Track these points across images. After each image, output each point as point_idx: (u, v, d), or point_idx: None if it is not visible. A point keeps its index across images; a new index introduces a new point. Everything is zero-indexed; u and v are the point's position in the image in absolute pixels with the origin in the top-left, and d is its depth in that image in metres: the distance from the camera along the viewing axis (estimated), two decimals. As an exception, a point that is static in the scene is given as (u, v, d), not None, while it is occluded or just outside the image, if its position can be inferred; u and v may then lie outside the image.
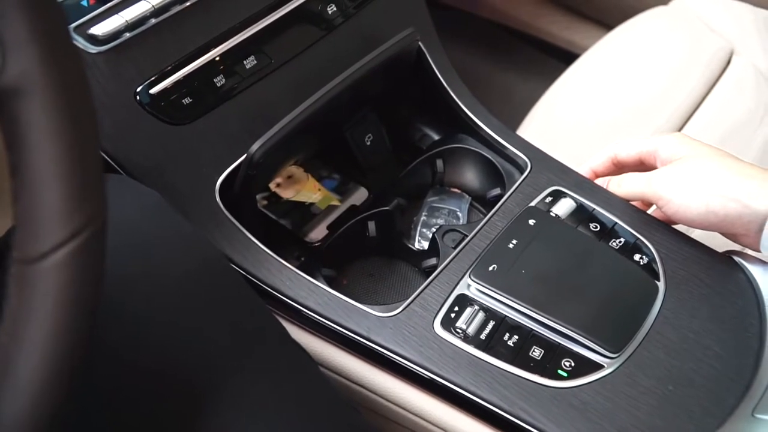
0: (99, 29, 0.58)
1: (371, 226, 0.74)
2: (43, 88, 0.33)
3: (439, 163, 0.80)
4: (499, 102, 1.11)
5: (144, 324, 0.53)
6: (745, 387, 0.57)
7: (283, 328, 0.59)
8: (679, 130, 0.96)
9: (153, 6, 0.60)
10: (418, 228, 0.78)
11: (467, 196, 0.80)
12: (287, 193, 0.78)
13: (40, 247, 0.35)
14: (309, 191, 0.78)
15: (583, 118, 0.97)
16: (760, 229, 0.59)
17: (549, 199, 0.69)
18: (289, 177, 0.79)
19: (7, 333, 0.36)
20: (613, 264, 0.64)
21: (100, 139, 0.37)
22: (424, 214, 0.79)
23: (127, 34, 0.59)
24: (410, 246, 0.76)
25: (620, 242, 0.66)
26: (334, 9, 0.72)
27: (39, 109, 0.33)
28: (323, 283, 0.64)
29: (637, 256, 0.65)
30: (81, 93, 0.35)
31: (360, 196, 0.79)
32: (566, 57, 1.26)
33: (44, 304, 0.35)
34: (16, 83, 0.33)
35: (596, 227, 0.67)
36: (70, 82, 0.34)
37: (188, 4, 0.62)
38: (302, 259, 0.72)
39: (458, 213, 0.79)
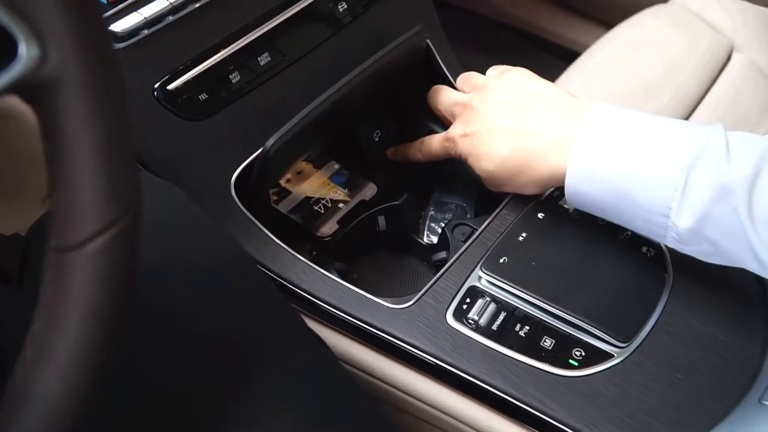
0: (118, 26, 0.59)
1: (381, 220, 0.75)
2: (82, 79, 0.34)
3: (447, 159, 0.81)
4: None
5: (168, 316, 0.54)
6: (752, 375, 0.59)
7: (305, 323, 0.60)
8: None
9: (171, 3, 0.61)
10: (427, 222, 0.79)
11: (475, 191, 0.81)
12: (297, 189, 0.78)
13: (78, 235, 0.36)
14: (319, 186, 0.79)
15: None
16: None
17: (557, 192, 0.71)
18: (299, 173, 0.80)
19: (44, 319, 0.37)
20: (620, 255, 0.65)
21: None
22: (432, 208, 0.80)
23: (145, 31, 0.60)
24: (419, 240, 0.77)
25: (627, 235, 0.67)
26: (345, 7, 0.73)
27: (78, 99, 0.34)
28: (336, 276, 0.65)
29: (644, 248, 0.66)
30: (117, 84, 0.36)
31: (369, 191, 0.80)
32: (566, 54, 1.27)
33: (81, 291, 0.36)
34: (55, 75, 0.33)
35: (603, 220, 0.68)
36: (107, 73, 0.35)
37: (205, 1, 0.63)
38: (314, 253, 0.73)
39: (466, 207, 0.80)
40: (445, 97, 0.75)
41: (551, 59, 1.38)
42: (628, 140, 0.59)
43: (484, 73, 0.76)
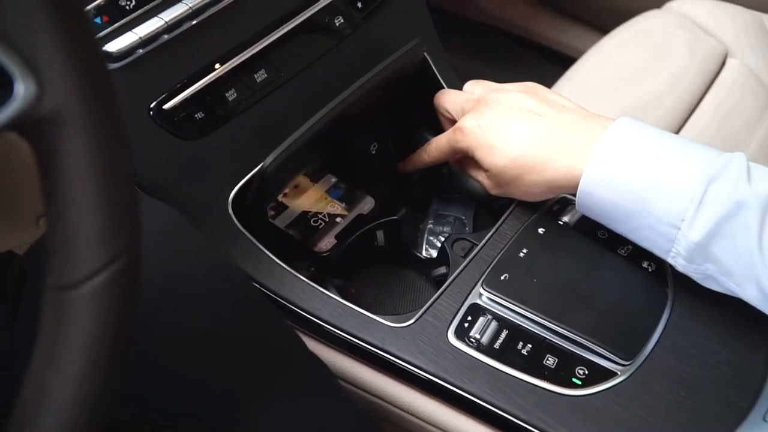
0: (113, 46, 0.58)
1: (379, 235, 0.75)
2: (82, 117, 0.33)
3: (445, 171, 0.81)
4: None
5: (164, 341, 0.54)
6: (756, 392, 0.58)
7: (303, 343, 0.59)
8: (676, 131, 0.98)
9: (166, 22, 0.60)
10: (425, 236, 0.78)
11: (473, 204, 0.81)
12: (294, 203, 0.78)
13: (77, 274, 0.35)
14: (316, 201, 0.79)
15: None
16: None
17: (557, 207, 0.70)
18: (296, 186, 0.79)
19: (43, 359, 0.36)
20: (622, 271, 0.65)
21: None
22: (430, 221, 0.80)
23: (141, 51, 0.59)
24: (418, 254, 0.76)
25: (628, 249, 0.66)
26: (341, 21, 0.72)
27: (77, 138, 0.33)
28: (335, 294, 0.65)
29: (645, 263, 0.66)
30: (116, 121, 0.35)
31: (366, 204, 0.79)
32: (561, 59, 1.27)
33: (80, 331, 0.36)
34: (54, 113, 0.33)
35: (604, 235, 0.68)
36: (106, 110, 0.35)
37: (199, 20, 0.63)
38: (312, 269, 0.72)
39: (464, 220, 0.80)
40: (455, 95, 0.74)
41: (546, 64, 1.39)
42: (651, 150, 0.59)
43: (476, 76, 0.75)
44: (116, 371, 0.37)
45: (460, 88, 0.76)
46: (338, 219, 0.77)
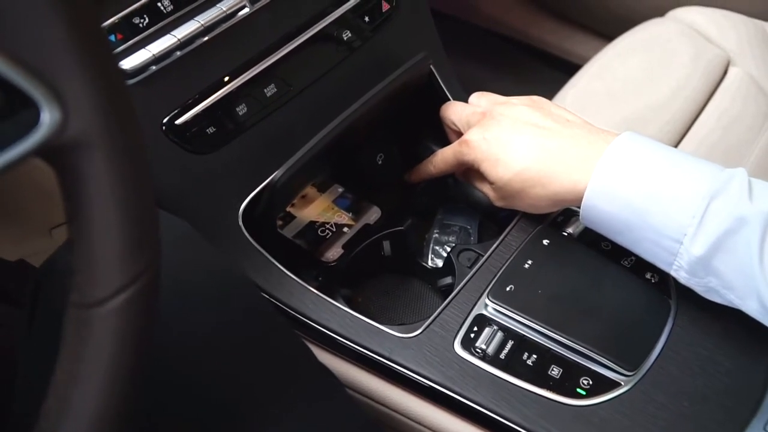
0: (127, 63, 0.59)
1: (386, 245, 0.76)
2: (105, 141, 0.34)
3: (450, 181, 0.82)
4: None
5: (177, 350, 0.55)
6: (757, 401, 0.59)
7: (311, 352, 0.60)
8: (679, 139, 0.99)
9: (179, 39, 0.61)
10: (431, 245, 0.79)
11: (478, 213, 0.82)
12: (301, 213, 0.79)
13: (100, 292, 0.36)
14: (323, 210, 0.80)
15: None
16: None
17: (561, 218, 0.71)
18: (303, 197, 0.80)
19: (66, 374, 0.38)
20: (625, 282, 0.66)
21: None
22: (435, 231, 0.81)
23: (154, 68, 0.61)
24: (424, 264, 0.77)
25: (631, 260, 0.68)
26: (349, 35, 0.74)
27: (101, 161, 0.34)
28: (343, 304, 0.66)
29: (648, 274, 0.67)
30: (137, 142, 0.36)
31: (373, 214, 0.80)
32: (564, 66, 1.28)
33: (102, 347, 0.37)
34: (77, 138, 0.34)
35: (607, 246, 0.69)
36: (128, 133, 0.36)
37: (211, 36, 0.64)
38: (320, 279, 0.73)
39: (469, 230, 0.81)
40: (461, 108, 0.75)
41: (549, 71, 1.39)
42: (654, 165, 0.60)
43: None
44: (136, 385, 0.38)
45: (466, 100, 0.77)
46: (345, 229, 0.78)
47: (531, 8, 1.44)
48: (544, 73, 1.40)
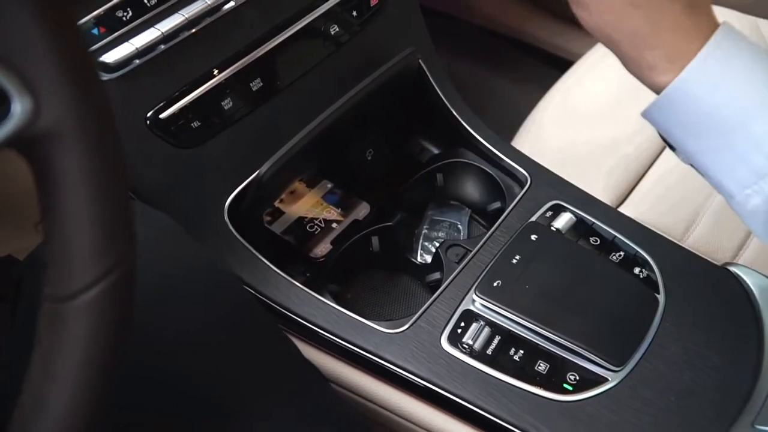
0: (110, 57, 0.58)
1: (375, 241, 0.75)
2: (78, 132, 0.34)
3: (440, 177, 0.81)
4: (492, 109, 1.12)
5: (159, 345, 0.54)
6: (744, 397, 0.59)
7: (296, 348, 0.60)
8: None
9: (162, 33, 0.60)
10: (420, 241, 0.79)
11: (467, 209, 0.82)
12: (290, 209, 0.79)
13: (73, 285, 0.36)
14: (312, 206, 0.79)
15: (580, 129, 0.98)
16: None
17: (549, 213, 0.71)
18: (292, 192, 0.80)
19: (39, 370, 0.37)
20: (614, 278, 0.66)
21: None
22: (425, 227, 0.80)
23: (137, 61, 0.60)
24: (413, 260, 0.77)
25: (620, 255, 0.67)
26: (337, 29, 0.73)
27: (72, 152, 0.34)
28: (330, 299, 0.66)
29: (636, 270, 0.67)
30: (111, 134, 0.36)
31: (362, 210, 0.80)
32: (558, 63, 1.28)
33: (76, 342, 0.36)
34: (49, 129, 0.33)
35: (596, 241, 0.68)
36: (101, 125, 0.35)
37: (195, 30, 0.63)
38: (308, 275, 0.73)
39: (459, 226, 0.80)
40: None
41: (542, 67, 1.39)
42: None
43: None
44: (110, 379, 0.38)
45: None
46: (334, 225, 0.78)
47: (525, 5, 1.44)
48: (537, 69, 1.40)
